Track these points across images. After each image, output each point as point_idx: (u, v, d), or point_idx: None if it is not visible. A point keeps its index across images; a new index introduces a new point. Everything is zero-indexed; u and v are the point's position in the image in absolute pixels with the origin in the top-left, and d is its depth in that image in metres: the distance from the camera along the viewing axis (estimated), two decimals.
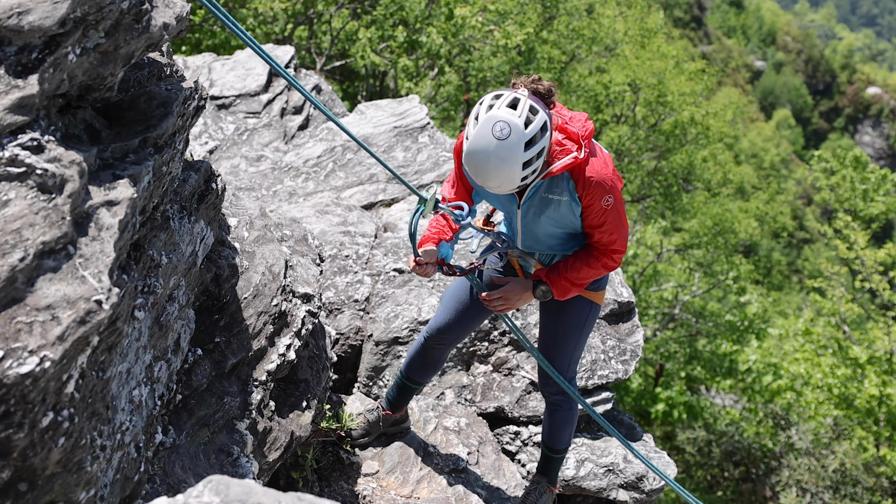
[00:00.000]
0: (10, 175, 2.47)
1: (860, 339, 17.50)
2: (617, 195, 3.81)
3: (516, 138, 3.42)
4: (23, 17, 2.56)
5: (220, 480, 2.15)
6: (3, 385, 2.26)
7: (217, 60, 9.75)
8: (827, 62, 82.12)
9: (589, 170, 3.71)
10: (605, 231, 3.89)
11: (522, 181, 3.56)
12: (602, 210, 3.79)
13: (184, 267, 3.47)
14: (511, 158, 3.44)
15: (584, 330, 4.34)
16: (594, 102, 20.97)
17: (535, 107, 3.48)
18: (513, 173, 3.48)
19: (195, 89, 3.49)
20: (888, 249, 18.68)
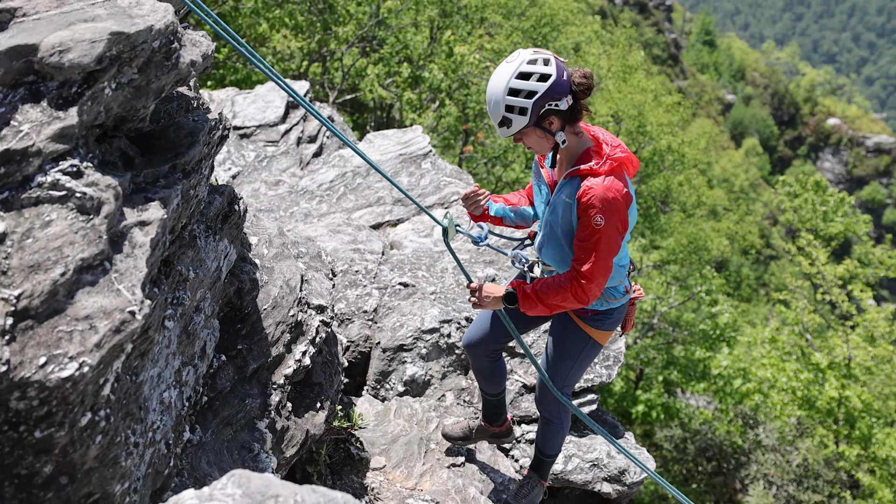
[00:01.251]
0: (52, 198, 2.48)
1: (821, 347, 17.49)
2: (609, 221, 3.58)
3: (513, 66, 3.52)
4: (64, 54, 2.57)
5: (242, 474, 2.15)
6: (45, 388, 2.26)
7: (239, 94, 9.77)
8: (791, 96, 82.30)
9: (594, 182, 3.59)
10: (585, 249, 3.65)
11: (507, 112, 3.57)
12: (591, 227, 3.59)
13: (209, 281, 3.47)
14: (503, 78, 3.53)
15: (580, 360, 4.22)
16: None
17: (550, 60, 3.55)
18: (499, 93, 3.54)
19: (219, 120, 3.49)
20: (846, 265, 18.70)
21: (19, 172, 2.43)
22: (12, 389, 2.22)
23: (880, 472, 14.84)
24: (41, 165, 2.50)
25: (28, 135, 2.46)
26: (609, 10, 60.80)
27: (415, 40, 17.15)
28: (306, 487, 2.12)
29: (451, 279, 6.15)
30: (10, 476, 2.32)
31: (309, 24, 15.84)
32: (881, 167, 74.84)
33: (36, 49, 2.55)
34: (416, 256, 6.40)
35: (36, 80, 2.57)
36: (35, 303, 2.30)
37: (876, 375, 16.24)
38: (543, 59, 3.53)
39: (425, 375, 5.67)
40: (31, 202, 2.44)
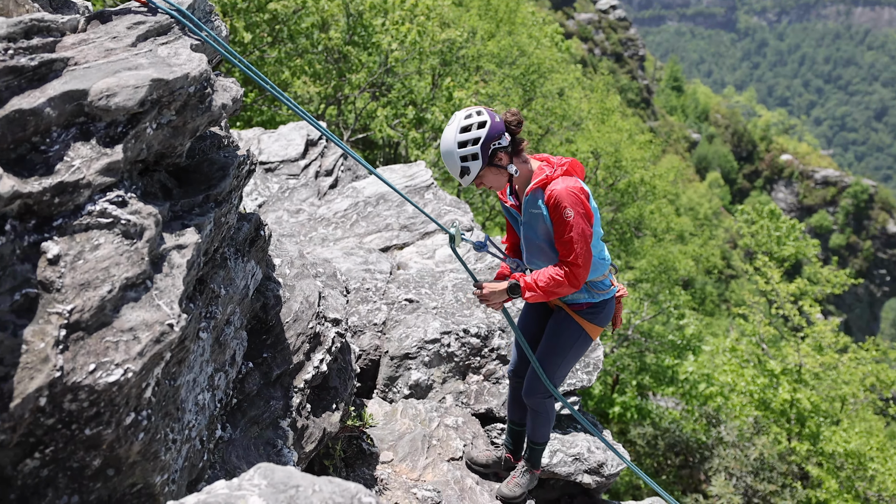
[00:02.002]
0: (101, 224, 2.49)
1: (775, 355, 17.46)
2: (577, 211, 3.73)
3: (455, 125, 3.75)
4: (110, 98, 2.59)
5: (268, 467, 2.15)
6: (94, 391, 2.27)
7: (265, 133, 9.81)
8: (749, 134, 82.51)
9: (553, 185, 3.77)
10: (566, 243, 3.77)
11: (462, 162, 3.76)
12: (564, 223, 3.73)
13: (238, 297, 3.47)
14: (450, 138, 3.74)
15: (571, 353, 4.24)
16: None
17: (482, 111, 3.78)
18: (452, 148, 3.75)
19: (247, 156, 3.51)
20: (797, 283, 18.71)
21: (71, 202, 2.45)
22: (66, 393, 2.23)
23: (827, 465, 14.80)
24: (91, 196, 2.51)
25: (79, 169, 2.48)
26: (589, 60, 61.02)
27: (419, 86, 17.22)
28: (323, 479, 2.11)
29: (451, 296, 6.15)
30: (63, 469, 2.32)
31: (326, 72, 15.91)
32: (828, 197, 74.96)
33: (86, 94, 2.56)
34: (420, 276, 6.41)
35: (86, 120, 2.59)
36: (85, 316, 2.31)
37: (823, 380, 16.21)
38: (476, 112, 3.78)
39: (428, 380, 5.66)
40: (81, 228, 2.45)
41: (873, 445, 15.12)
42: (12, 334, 2.19)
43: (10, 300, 2.21)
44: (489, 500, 4.76)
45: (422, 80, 17.71)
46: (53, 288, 2.30)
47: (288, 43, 15.01)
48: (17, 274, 2.26)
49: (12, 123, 2.37)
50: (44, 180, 2.38)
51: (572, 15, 72.10)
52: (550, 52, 23.09)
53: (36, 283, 2.29)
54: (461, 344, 5.76)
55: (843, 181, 75.54)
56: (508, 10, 25.05)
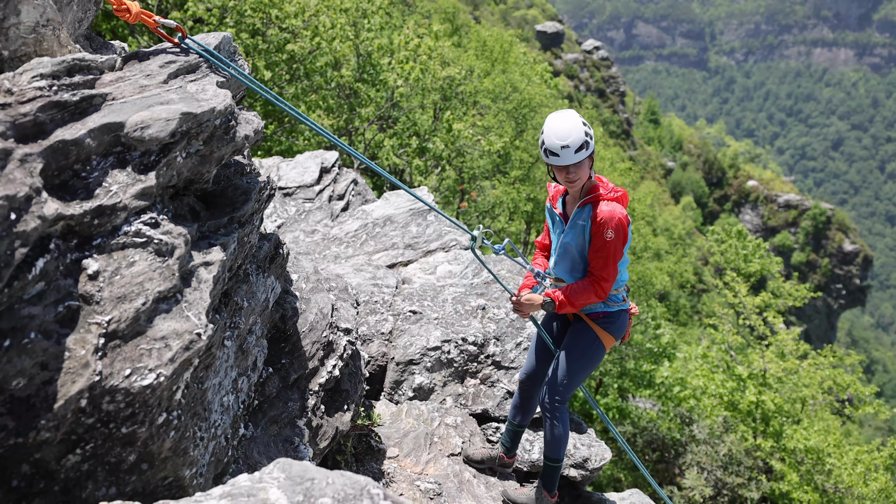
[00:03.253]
0: (136, 243, 2.50)
1: (742, 361, 17.42)
2: (618, 235, 3.82)
3: (577, 116, 3.78)
4: (144, 130, 2.61)
5: (286, 462, 2.15)
6: (130, 394, 2.27)
7: (283, 161, 9.84)
8: (719, 163, 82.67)
9: (604, 205, 3.82)
10: (600, 258, 3.87)
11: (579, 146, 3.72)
12: (603, 240, 3.82)
13: (259, 309, 3.48)
14: (576, 123, 3.73)
15: (585, 358, 4.17)
16: None
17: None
18: (579, 129, 3.71)
19: (267, 182, 3.53)
20: (762, 297, 18.70)
21: (109, 223, 2.46)
22: (104, 395, 2.24)
23: (789, 460, 14.75)
24: (127, 217, 2.53)
25: (116, 194, 2.49)
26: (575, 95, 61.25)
27: (421, 119, 17.29)
28: (336, 472, 2.12)
29: (451, 308, 6.15)
30: (102, 463, 2.33)
31: (338, 106, 15.98)
32: (790, 219, 75.04)
33: (123, 126, 2.58)
34: (423, 290, 6.41)
35: (122, 150, 2.61)
36: (122, 326, 2.32)
37: (785, 384, 16.19)
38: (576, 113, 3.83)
39: (430, 384, 5.65)
40: (118, 247, 2.47)
41: (830, 442, 15.08)
42: (56, 342, 2.19)
43: (54, 311, 2.22)
44: (485, 491, 4.75)
45: (424, 113, 17.79)
46: (93, 300, 2.31)
47: (304, 80, 15.09)
48: (61, 288, 2.27)
49: (56, 153, 2.39)
50: (84, 204, 2.40)
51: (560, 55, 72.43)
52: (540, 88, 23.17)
53: (77, 296, 2.30)
54: (460, 351, 5.75)
55: (804, 205, 75.62)
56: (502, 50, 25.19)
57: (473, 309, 6.11)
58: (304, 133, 15.68)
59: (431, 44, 16.37)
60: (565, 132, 3.70)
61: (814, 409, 16.88)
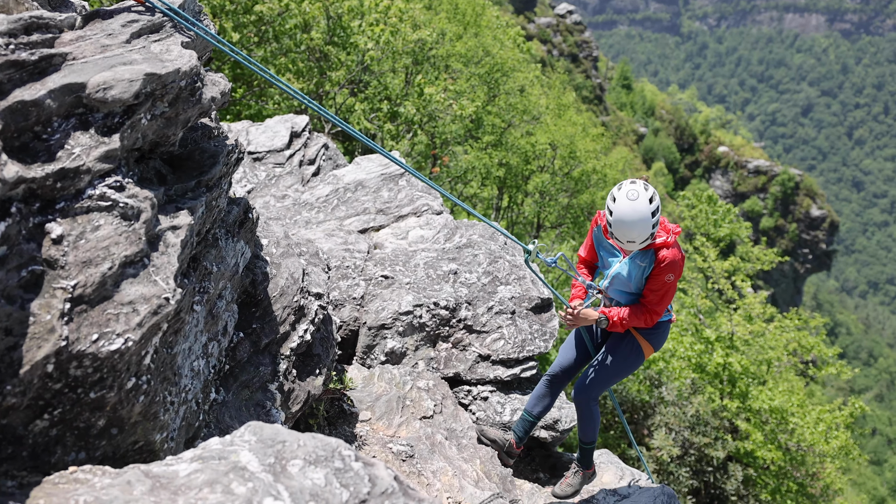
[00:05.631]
0: (100, 207, 2.47)
1: (711, 324, 17.68)
2: (677, 276, 4.07)
3: (645, 202, 3.78)
4: (107, 91, 2.55)
5: (257, 425, 2.16)
6: (98, 359, 2.26)
7: (252, 126, 9.71)
8: (690, 128, 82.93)
9: (668, 253, 4.02)
10: (657, 295, 4.12)
11: (651, 230, 3.86)
12: (663, 282, 4.07)
13: (229, 274, 3.46)
14: (644, 213, 3.78)
15: (624, 365, 4.45)
16: (525, 157, 21.08)
17: (647, 185, 3.86)
18: (647, 225, 3.81)
19: (235, 146, 3.48)
20: (731, 261, 18.92)
21: (73, 186, 2.42)
22: (71, 360, 2.22)
23: (754, 420, 15.08)
24: (90, 181, 2.49)
25: (79, 156, 2.45)
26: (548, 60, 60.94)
27: (393, 83, 17.12)
28: (307, 434, 2.13)
29: (423, 272, 6.16)
30: (71, 428, 2.32)
31: (308, 70, 15.76)
32: (759, 185, 75.77)
33: (84, 87, 2.53)
34: (395, 255, 6.40)
35: (85, 111, 2.56)
36: (88, 291, 2.29)
37: (752, 346, 16.47)
38: (644, 188, 3.84)
39: (402, 348, 5.68)
40: (83, 210, 2.43)
41: (794, 402, 15.44)
42: (20, 307, 2.17)
43: (17, 276, 2.19)
44: (457, 453, 4.80)
45: (396, 77, 17.61)
46: (58, 265, 2.28)
47: (273, 42, 14.83)
48: (24, 252, 2.24)
49: (15, 114, 2.33)
50: (46, 166, 2.35)
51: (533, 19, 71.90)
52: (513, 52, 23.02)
53: (41, 260, 2.26)
54: (432, 315, 5.77)
55: (773, 170, 76.35)
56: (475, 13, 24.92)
57: (445, 273, 6.12)
58: (273, 97, 15.47)
59: (402, 6, 16.16)
60: (633, 233, 3.87)
61: (779, 370, 17.22)
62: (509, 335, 5.78)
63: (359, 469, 2.02)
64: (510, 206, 22.71)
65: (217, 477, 1.92)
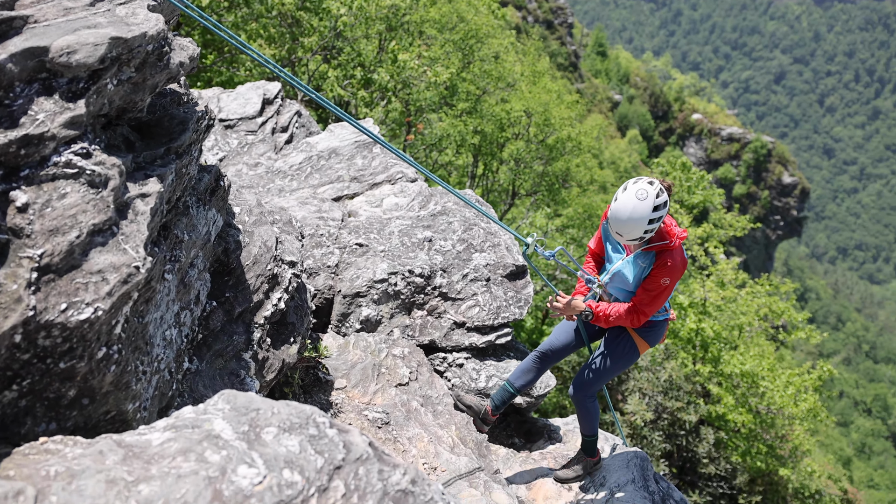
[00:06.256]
0: (67, 174, 2.42)
1: (684, 290, 17.85)
2: (673, 281, 4.04)
3: (650, 202, 3.75)
4: (71, 55, 2.49)
5: (231, 393, 2.15)
6: (67, 328, 2.23)
7: (224, 93, 9.57)
8: (665, 96, 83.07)
9: (668, 257, 4.00)
10: (649, 296, 4.07)
11: (643, 233, 3.84)
12: (657, 284, 4.04)
13: (201, 242, 3.42)
14: (643, 212, 3.76)
15: (620, 362, 4.47)
16: (500, 124, 21.00)
17: (664, 191, 3.81)
18: (642, 222, 3.78)
19: (205, 112, 3.43)
20: (704, 227, 19.07)
21: (37, 153, 2.37)
22: (39, 330, 2.19)
23: (725, 385, 15.32)
24: (56, 148, 2.43)
25: (43, 122, 2.39)
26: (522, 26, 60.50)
27: (366, 49, 16.94)
28: (281, 402, 2.13)
29: (397, 240, 6.14)
30: (41, 399, 2.29)
31: (280, 36, 15.53)
32: (732, 152, 76.23)
33: (47, 51, 2.46)
34: (369, 223, 6.38)
35: (48, 76, 2.50)
36: (55, 260, 2.25)
37: (724, 312, 16.67)
38: (658, 192, 3.80)
39: (377, 316, 5.67)
40: (48, 178, 2.38)
41: (764, 366, 15.69)
42: None
43: None
44: (433, 419, 4.83)
45: (369, 43, 17.41)
46: (24, 234, 2.24)
47: (244, 7, 14.58)
48: None
49: None
50: (9, 133, 2.30)
51: None
52: (487, 18, 22.81)
53: (6, 229, 2.22)
54: (407, 283, 5.77)
55: (746, 138, 76.81)
56: None
57: (420, 241, 6.11)
58: (245, 63, 15.24)
59: None
60: (624, 229, 3.85)
61: (750, 335, 17.47)
62: (484, 302, 5.80)
63: (333, 436, 2.02)
64: (485, 173, 22.67)
65: (190, 445, 1.91)
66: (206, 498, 1.75)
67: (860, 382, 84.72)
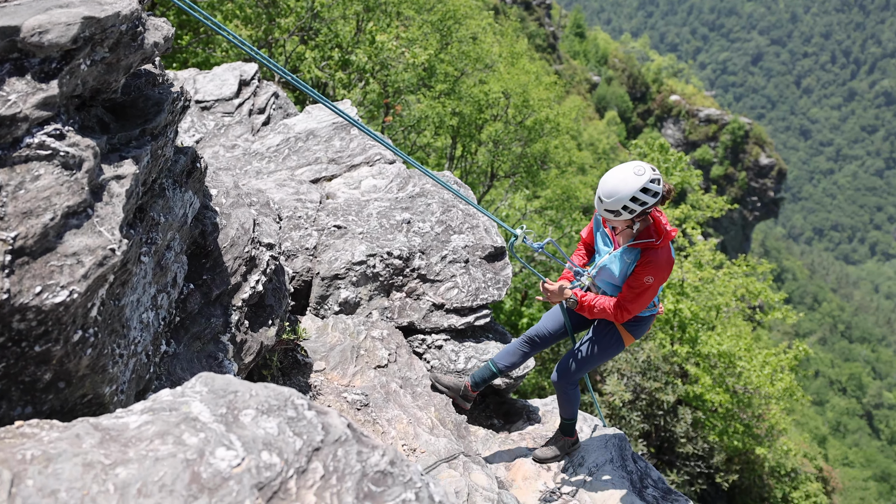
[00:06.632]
0: (40, 156, 2.39)
1: None
2: (657, 280, 4.03)
3: (643, 180, 3.74)
4: (43, 35, 2.46)
5: (208, 376, 2.15)
6: (42, 311, 2.21)
7: (199, 74, 9.47)
8: (643, 77, 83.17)
9: (653, 255, 4.00)
10: (633, 292, 4.09)
11: (622, 210, 3.81)
12: (641, 282, 4.03)
13: (177, 224, 3.40)
14: (630, 187, 3.74)
15: (602, 351, 4.52)
16: (478, 105, 20.96)
17: (660, 180, 3.82)
18: (623, 197, 3.76)
19: (181, 93, 3.40)
20: (682, 209, 19.22)
21: (10, 135, 2.34)
22: (13, 313, 2.17)
23: (703, 365, 15.51)
24: (28, 129, 2.40)
25: (16, 103, 2.36)
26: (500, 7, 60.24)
27: (344, 30, 16.81)
28: (259, 384, 2.13)
29: (376, 222, 6.14)
30: (16, 383, 2.28)
31: (256, 16, 15.37)
32: (710, 133, 76.62)
33: (18, 30, 2.43)
34: (347, 204, 6.36)
35: (20, 56, 2.46)
36: (29, 242, 2.24)
37: (702, 292, 16.83)
38: (658, 179, 3.80)
39: (356, 298, 5.68)
40: (21, 160, 2.35)
41: (741, 347, 15.90)
42: None
43: None
44: (412, 401, 4.85)
45: (347, 24, 17.28)
46: None
47: None
48: None
49: None
50: None
51: None
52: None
53: None
54: (385, 265, 5.77)
55: (723, 119, 77.21)
56: None
57: (399, 223, 6.11)
58: (221, 44, 15.08)
59: None
60: (605, 192, 3.82)
61: (727, 315, 17.67)
62: (463, 284, 5.82)
63: (312, 417, 2.03)
64: (464, 155, 22.64)
65: (168, 428, 1.91)
66: (184, 480, 1.75)
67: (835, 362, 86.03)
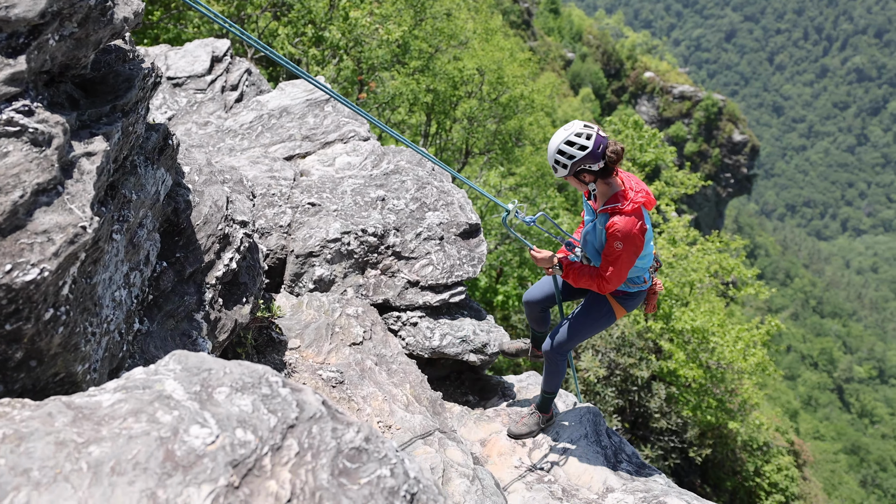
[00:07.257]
0: (8, 133, 2.36)
1: None
2: (627, 246, 4.07)
3: (567, 133, 3.99)
4: (10, 10, 2.42)
5: (182, 353, 2.15)
6: (12, 290, 2.20)
7: (171, 50, 9.34)
8: (617, 54, 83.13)
9: (618, 220, 4.05)
10: (605, 260, 4.18)
11: (556, 165, 4.05)
12: (612, 249, 4.11)
13: (150, 202, 3.37)
14: (556, 141, 4.01)
15: (596, 324, 4.64)
16: (452, 82, 20.88)
17: (592, 135, 3.97)
18: (553, 150, 4.01)
19: (152, 69, 3.36)
20: (656, 185, 19.36)
21: None
22: None
23: (677, 340, 15.68)
24: None
25: None
26: None
27: (317, 6, 16.62)
28: (233, 362, 2.13)
29: (350, 199, 6.12)
30: None
31: None
32: (684, 110, 76.92)
33: None
34: (322, 182, 6.34)
35: None
36: None
37: (676, 268, 16.99)
38: (587, 135, 3.97)
39: (330, 275, 5.68)
40: None
41: (715, 322, 16.09)
42: None
43: None
44: (387, 378, 4.88)
45: (319, 0, 17.09)
46: None
47: None
48: None
49: None
50: None
51: None
52: None
53: None
54: (360, 242, 5.77)
55: (697, 96, 77.51)
56: None
57: (373, 200, 6.10)
58: (193, 20, 14.86)
59: None
60: (548, 148, 4.04)
61: (701, 291, 17.87)
62: (438, 261, 5.83)
63: (286, 395, 2.04)
64: (438, 132, 22.57)
65: (141, 406, 1.91)
66: (158, 458, 1.76)
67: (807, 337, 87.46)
